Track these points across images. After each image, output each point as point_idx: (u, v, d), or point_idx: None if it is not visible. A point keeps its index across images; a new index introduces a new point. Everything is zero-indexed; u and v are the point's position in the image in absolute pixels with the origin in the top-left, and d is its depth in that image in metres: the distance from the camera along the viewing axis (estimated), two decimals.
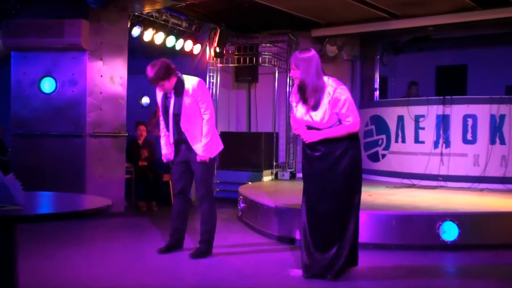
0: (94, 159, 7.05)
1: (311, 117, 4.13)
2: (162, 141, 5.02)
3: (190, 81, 4.77)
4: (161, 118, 4.97)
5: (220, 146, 4.99)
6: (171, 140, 4.89)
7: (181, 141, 4.84)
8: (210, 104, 4.85)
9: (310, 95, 4.09)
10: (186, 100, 4.72)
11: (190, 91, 4.71)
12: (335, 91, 4.07)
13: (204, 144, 4.77)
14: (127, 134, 7.43)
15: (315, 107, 4.10)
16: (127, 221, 6.90)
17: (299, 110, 4.21)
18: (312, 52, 4.14)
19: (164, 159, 5.02)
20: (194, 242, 5.18)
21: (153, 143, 8.26)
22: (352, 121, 4.11)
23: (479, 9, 7.72)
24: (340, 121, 4.14)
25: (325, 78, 4.13)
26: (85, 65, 7.00)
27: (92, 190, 6.82)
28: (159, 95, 4.89)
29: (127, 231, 6.42)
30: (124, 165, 7.38)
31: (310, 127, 4.16)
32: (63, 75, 7.03)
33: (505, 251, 5.22)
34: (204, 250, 4.90)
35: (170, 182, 8.26)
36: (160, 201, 7.90)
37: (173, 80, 4.72)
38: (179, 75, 4.79)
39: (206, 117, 4.79)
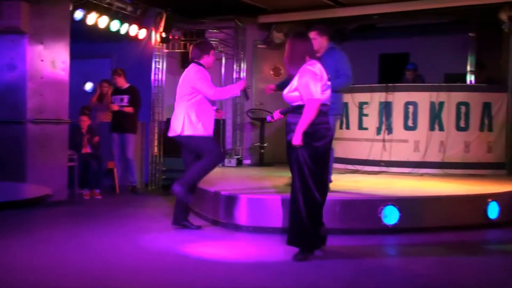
0: (35, 147, 6.83)
1: (283, 92, 4.42)
2: None
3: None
4: None
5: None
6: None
7: None
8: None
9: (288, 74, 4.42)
10: None
11: None
12: (302, 69, 4.28)
13: None
14: (69, 121, 7.24)
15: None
16: (69, 210, 6.77)
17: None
18: (301, 37, 4.44)
19: None
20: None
21: (97, 130, 8.08)
22: (309, 99, 4.21)
23: None
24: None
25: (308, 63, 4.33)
26: (24, 49, 6.74)
27: (34, 179, 6.62)
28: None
29: (69, 219, 6.31)
30: (66, 153, 7.19)
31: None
32: (1, 59, 6.76)
33: (442, 233, 5.44)
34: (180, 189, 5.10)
35: (115, 170, 8.14)
36: (104, 189, 7.76)
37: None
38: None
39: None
